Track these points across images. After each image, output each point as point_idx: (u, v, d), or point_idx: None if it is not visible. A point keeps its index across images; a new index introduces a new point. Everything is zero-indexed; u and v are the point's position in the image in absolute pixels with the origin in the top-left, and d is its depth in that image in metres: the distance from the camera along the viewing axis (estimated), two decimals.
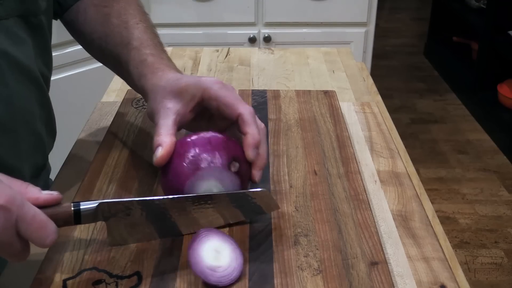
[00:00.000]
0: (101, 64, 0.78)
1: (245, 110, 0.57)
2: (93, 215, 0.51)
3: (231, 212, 0.57)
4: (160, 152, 0.55)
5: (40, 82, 0.69)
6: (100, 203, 0.51)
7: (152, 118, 0.61)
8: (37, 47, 0.68)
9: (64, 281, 0.51)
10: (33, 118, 0.69)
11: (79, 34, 0.77)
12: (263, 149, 0.58)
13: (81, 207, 0.51)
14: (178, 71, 0.65)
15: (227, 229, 0.57)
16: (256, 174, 0.58)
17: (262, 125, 0.60)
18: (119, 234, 0.54)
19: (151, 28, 0.72)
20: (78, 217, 0.51)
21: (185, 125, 0.62)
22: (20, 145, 0.66)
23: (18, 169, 0.67)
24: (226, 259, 0.51)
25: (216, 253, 0.51)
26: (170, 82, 0.60)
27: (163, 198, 0.53)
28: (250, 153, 0.56)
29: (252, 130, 0.56)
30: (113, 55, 0.70)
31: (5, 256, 0.48)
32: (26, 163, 0.68)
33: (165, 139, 0.55)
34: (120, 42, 0.69)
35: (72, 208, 0.50)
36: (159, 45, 0.70)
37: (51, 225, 0.48)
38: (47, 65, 0.73)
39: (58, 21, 0.79)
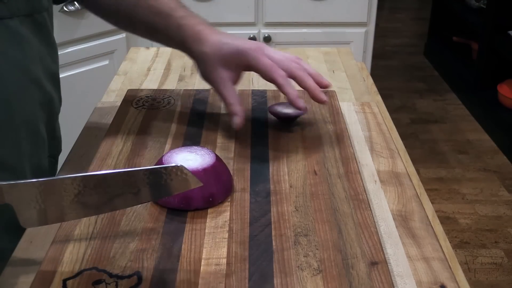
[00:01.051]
0: (101, 64, 0.78)
1: (278, 76, 0.67)
2: None
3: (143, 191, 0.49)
4: (238, 119, 0.69)
5: (42, 83, 0.69)
6: None
7: (207, 82, 0.73)
8: (43, 45, 0.68)
9: (64, 281, 0.51)
10: (34, 118, 0.69)
11: (103, 10, 0.80)
12: (310, 81, 0.70)
13: None
14: (212, 28, 0.73)
15: (226, 228, 0.57)
16: (321, 96, 0.70)
17: (296, 66, 0.70)
18: (32, 213, 0.49)
19: None
20: None
21: (237, 83, 0.72)
22: (21, 146, 0.66)
23: (19, 169, 0.67)
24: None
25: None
26: (214, 49, 0.70)
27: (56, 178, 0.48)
28: (298, 104, 0.68)
29: (288, 89, 0.67)
30: (145, 25, 0.76)
31: None
32: (28, 163, 0.68)
33: (237, 108, 0.69)
34: (150, 12, 0.74)
35: None
36: (186, 6, 0.76)
37: None
38: (55, 62, 0.74)
39: (56, 21, 0.79)
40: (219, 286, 0.50)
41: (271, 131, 0.76)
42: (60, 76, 0.77)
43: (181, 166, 0.46)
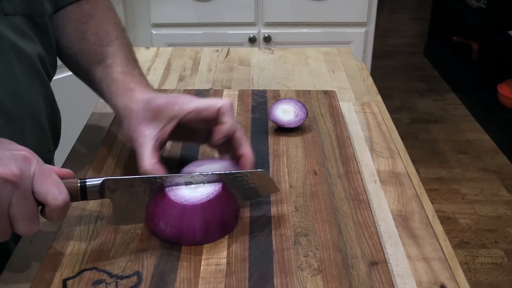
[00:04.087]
0: None
1: (224, 103, 0.60)
2: (99, 191, 0.54)
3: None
4: None
5: (44, 79, 0.70)
6: (105, 179, 0.54)
7: (130, 143, 0.63)
8: (42, 47, 0.69)
9: (64, 281, 0.51)
10: (38, 112, 0.69)
11: (57, 47, 0.77)
12: (247, 148, 0.62)
13: (87, 183, 0.54)
14: (148, 88, 0.66)
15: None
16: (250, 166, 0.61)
17: (238, 125, 0.62)
18: (125, 212, 0.57)
19: (127, 46, 0.73)
20: (84, 192, 0.54)
21: (165, 143, 0.64)
22: (26, 137, 0.67)
23: None
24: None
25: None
26: (141, 106, 0.62)
27: (163, 176, 0.56)
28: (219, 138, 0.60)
29: (228, 119, 0.60)
30: (87, 73, 0.72)
31: (17, 220, 0.49)
32: None
33: (148, 169, 0.59)
34: (94, 60, 0.70)
35: (79, 184, 0.53)
36: (132, 62, 0.70)
37: (63, 185, 0.51)
38: (52, 66, 0.74)
39: None
40: (219, 286, 0.50)
41: (271, 131, 0.76)
42: (61, 76, 0.78)
43: (263, 171, 0.58)
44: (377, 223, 0.61)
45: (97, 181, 0.54)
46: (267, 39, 2.02)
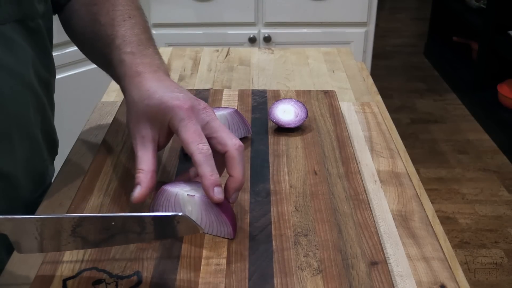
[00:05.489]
0: None
1: (196, 150, 0.54)
2: None
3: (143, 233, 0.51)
4: (138, 192, 0.55)
5: (35, 88, 0.68)
6: None
7: (129, 133, 0.60)
8: (35, 51, 0.67)
9: (64, 281, 0.51)
10: (28, 123, 0.67)
11: (72, 35, 0.76)
12: (240, 171, 0.56)
13: None
14: (158, 72, 0.62)
15: None
16: (233, 196, 0.57)
17: (237, 143, 0.56)
18: (25, 244, 0.51)
19: (140, 24, 0.69)
20: None
21: (164, 146, 0.61)
22: (15, 151, 0.65)
23: (13, 175, 0.66)
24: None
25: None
26: (141, 98, 0.59)
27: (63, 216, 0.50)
28: (211, 195, 0.54)
29: (204, 170, 0.54)
30: (101, 56, 0.70)
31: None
32: (23, 170, 0.67)
33: (143, 178, 0.55)
34: (105, 42, 0.67)
35: None
36: (145, 41, 0.67)
37: None
38: (48, 69, 0.72)
39: (57, 21, 0.78)
40: (219, 286, 0.50)
41: (271, 131, 0.76)
42: (61, 76, 0.77)
43: (186, 216, 0.48)
44: (377, 223, 0.61)
45: None
46: (267, 39, 2.02)
